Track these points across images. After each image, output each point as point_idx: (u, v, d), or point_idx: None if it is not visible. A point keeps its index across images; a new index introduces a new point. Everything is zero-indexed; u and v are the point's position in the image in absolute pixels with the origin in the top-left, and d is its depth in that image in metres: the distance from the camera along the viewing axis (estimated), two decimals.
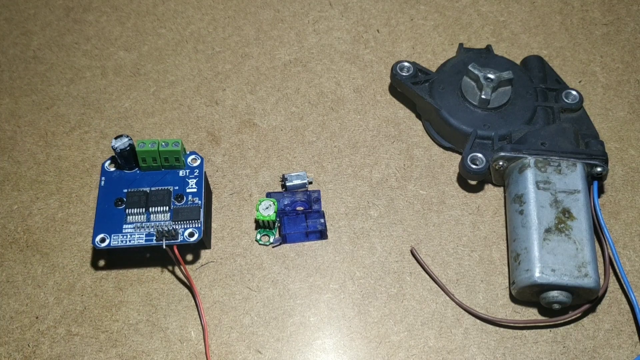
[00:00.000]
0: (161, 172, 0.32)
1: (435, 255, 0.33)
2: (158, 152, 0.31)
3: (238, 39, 0.41)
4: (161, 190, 0.31)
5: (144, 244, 0.30)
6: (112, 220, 0.30)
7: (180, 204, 0.31)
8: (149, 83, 0.39)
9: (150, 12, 0.42)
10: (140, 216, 0.30)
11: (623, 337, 0.31)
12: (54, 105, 0.38)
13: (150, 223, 0.30)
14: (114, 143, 0.30)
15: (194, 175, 0.32)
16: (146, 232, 0.30)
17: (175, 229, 0.30)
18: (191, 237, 0.30)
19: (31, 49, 0.40)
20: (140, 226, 0.30)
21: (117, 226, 0.30)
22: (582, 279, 0.30)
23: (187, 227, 0.30)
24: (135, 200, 0.30)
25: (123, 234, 0.30)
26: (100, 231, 0.30)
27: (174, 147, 0.31)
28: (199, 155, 0.32)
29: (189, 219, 0.30)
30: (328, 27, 0.41)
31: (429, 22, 0.42)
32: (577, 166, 0.33)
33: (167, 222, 0.30)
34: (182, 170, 0.32)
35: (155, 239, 0.30)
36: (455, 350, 0.30)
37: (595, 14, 0.42)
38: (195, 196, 0.31)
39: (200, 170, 0.32)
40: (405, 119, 0.38)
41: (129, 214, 0.30)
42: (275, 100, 0.38)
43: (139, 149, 0.30)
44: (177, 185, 0.31)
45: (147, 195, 0.31)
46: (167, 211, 0.30)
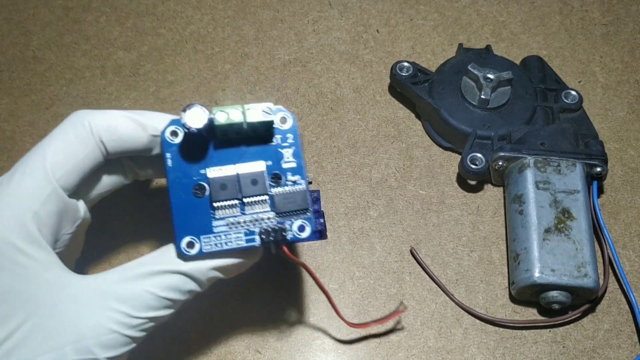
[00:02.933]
0: (243, 140, 0.24)
1: (435, 255, 0.33)
2: (244, 123, 0.23)
3: (237, 39, 0.41)
4: (252, 171, 0.23)
5: (245, 246, 0.23)
6: (196, 217, 0.23)
7: (279, 188, 0.24)
8: (149, 83, 0.39)
9: (149, 12, 0.42)
10: (232, 209, 0.23)
11: (622, 337, 0.31)
12: (54, 105, 0.38)
13: (247, 216, 0.23)
14: (186, 118, 0.22)
15: (287, 142, 0.24)
16: (244, 230, 0.23)
17: (282, 224, 0.23)
18: (302, 231, 0.23)
19: (30, 49, 0.40)
20: (235, 222, 0.23)
21: (205, 224, 0.23)
22: (581, 279, 0.30)
23: (294, 219, 0.23)
24: (224, 187, 0.23)
25: (215, 235, 0.23)
26: (185, 232, 0.23)
27: (265, 116, 0.23)
28: (290, 113, 0.24)
29: (295, 209, 0.23)
30: (327, 27, 0.41)
31: (428, 22, 0.42)
32: (577, 166, 0.33)
33: (268, 214, 0.23)
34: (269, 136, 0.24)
35: (260, 240, 0.23)
36: (454, 350, 0.30)
37: (595, 14, 0.42)
38: (295, 173, 0.24)
39: (295, 134, 0.24)
40: (405, 119, 0.38)
41: (218, 207, 0.23)
42: (274, 100, 0.38)
43: (220, 122, 0.22)
44: (269, 158, 0.24)
45: (237, 179, 0.23)
46: (265, 201, 0.23)
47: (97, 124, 0.24)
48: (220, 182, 0.23)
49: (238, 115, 0.23)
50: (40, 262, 0.22)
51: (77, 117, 0.24)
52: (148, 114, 0.25)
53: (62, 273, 0.22)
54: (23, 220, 0.22)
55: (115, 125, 0.24)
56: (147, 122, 0.25)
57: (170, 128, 0.24)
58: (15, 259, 0.22)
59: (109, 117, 0.24)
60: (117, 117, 0.24)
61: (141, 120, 0.25)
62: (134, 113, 0.25)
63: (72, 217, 0.24)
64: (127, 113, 0.25)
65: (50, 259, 0.22)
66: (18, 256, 0.22)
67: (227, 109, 0.23)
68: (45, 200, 0.22)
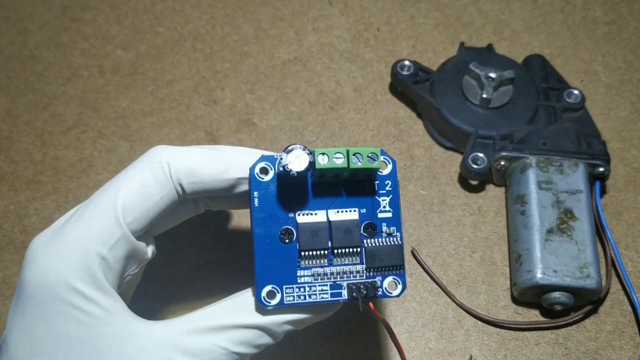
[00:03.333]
0: (339, 184, 0.22)
1: (436, 256, 0.33)
2: (348, 169, 0.21)
3: (237, 37, 0.40)
4: (346, 219, 0.22)
5: (330, 300, 0.22)
6: (280, 264, 0.21)
7: (373, 239, 0.22)
8: (147, 82, 0.38)
9: (148, 11, 0.41)
10: (320, 259, 0.22)
11: (625, 338, 0.31)
12: (51, 105, 0.38)
13: (334, 268, 0.22)
14: (287, 161, 0.21)
15: (384, 189, 0.22)
16: (331, 283, 0.22)
17: (374, 281, 0.22)
18: (393, 289, 0.22)
19: (28, 47, 0.40)
20: (322, 274, 0.22)
21: (289, 273, 0.21)
22: (584, 280, 0.29)
23: (385, 274, 0.22)
24: (314, 235, 0.21)
25: (299, 286, 0.21)
26: (267, 280, 0.21)
27: (371, 162, 0.21)
28: (390, 158, 0.23)
29: (389, 264, 0.22)
30: (328, 25, 0.41)
31: (429, 20, 0.41)
32: (579, 166, 0.32)
33: (357, 267, 0.22)
34: (367, 182, 0.22)
35: (348, 295, 0.22)
36: (456, 352, 0.30)
37: (597, 13, 0.42)
38: (391, 225, 0.22)
39: (394, 181, 0.22)
40: (406, 119, 0.37)
41: (305, 256, 0.21)
42: (274, 100, 0.38)
43: (321, 165, 0.21)
44: (364, 206, 0.22)
45: (328, 226, 0.22)
46: (357, 253, 0.22)
47: (177, 165, 0.22)
48: (310, 228, 0.21)
49: (341, 159, 0.21)
50: (107, 310, 0.21)
51: (155, 155, 0.23)
52: (232, 151, 0.24)
53: (129, 320, 0.21)
54: (90, 265, 0.21)
55: (196, 167, 0.22)
56: (231, 161, 0.23)
57: (260, 165, 0.22)
58: (81, 306, 0.21)
59: (189, 157, 0.23)
60: (198, 156, 0.23)
61: (225, 159, 0.23)
62: (217, 150, 0.23)
63: (139, 259, 0.23)
64: (209, 151, 0.23)
65: (117, 306, 0.21)
66: (84, 303, 0.21)
67: (330, 152, 0.21)
68: (114, 245, 0.21)
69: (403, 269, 0.22)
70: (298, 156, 0.21)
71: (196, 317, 0.22)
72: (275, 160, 0.22)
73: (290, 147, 0.21)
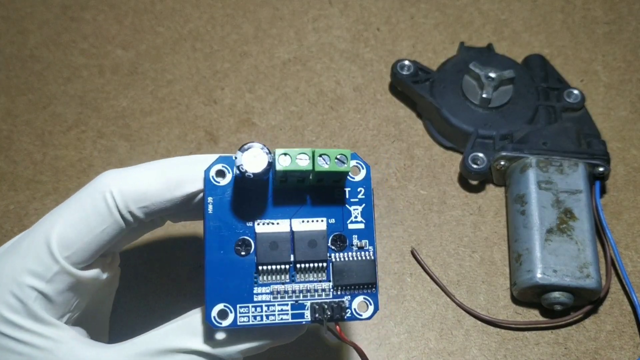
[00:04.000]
0: (304, 189, 0.20)
1: (436, 256, 0.33)
2: (313, 172, 0.19)
3: (237, 37, 0.40)
4: (311, 230, 0.19)
5: (290, 322, 0.19)
6: (235, 279, 0.19)
7: (342, 253, 0.20)
8: (147, 82, 0.38)
9: (148, 10, 0.41)
10: (281, 275, 0.19)
11: (625, 338, 0.31)
12: (51, 105, 0.38)
13: (297, 285, 0.19)
14: (243, 160, 0.18)
15: (356, 197, 0.20)
16: (292, 303, 0.19)
17: (341, 301, 0.19)
18: (363, 311, 0.20)
19: (28, 47, 0.40)
20: (283, 291, 0.19)
21: (244, 290, 0.19)
22: (583, 279, 0.29)
23: (355, 294, 0.19)
24: (274, 247, 0.19)
25: (256, 305, 0.19)
26: (218, 298, 0.19)
27: (339, 165, 0.19)
28: (363, 162, 0.20)
29: (359, 282, 0.19)
30: (328, 25, 0.41)
31: (429, 20, 0.41)
32: (579, 166, 0.32)
33: (323, 284, 0.19)
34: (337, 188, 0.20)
35: (311, 317, 0.19)
36: (456, 352, 0.30)
37: (597, 13, 0.42)
38: (363, 237, 0.20)
39: (367, 188, 0.20)
40: (406, 118, 0.37)
41: (263, 271, 0.19)
42: (274, 99, 0.38)
43: (282, 167, 0.19)
44: (333, 215, 0.20)
45: (291, 237, 0.19)
46: (323, 269, 0.19)
47: (124, 192, 0.21)
48: (270, 239, 0.19)
49: (306, 161, 0.18)
50: (50, 340, 0.21)
51: (99, 184, 0.21)
52: (185, 163, 0.22)
53: (76, 348, 0.21)
54: (24, 298, 0.20)
55: (144, 190, 0.21)
56: (182, 176, 0.21)
57: (216, 167, 0.20)
58: (17, 337, 0.20)
59: (136, 181, 0.21)
60: (146, 178, 0.21)
61: (176, 175, 0.21)
62: (168, 164, 0.22)
63: (90, 286, 0.22)
64: (159, 168, 0.22)
65: (62, 335, 0.21)
66: (21, 335, 0.21)
67: (293, 152, 0.18)
68: (52, 279, 0.21)
69: (375, 288, 0.19)
70: (256, 156, 0.18)
71: (144, 340, 0.21)
72: (233, 163, 0.19)
73: (247, 145, 0.18)
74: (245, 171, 0.18)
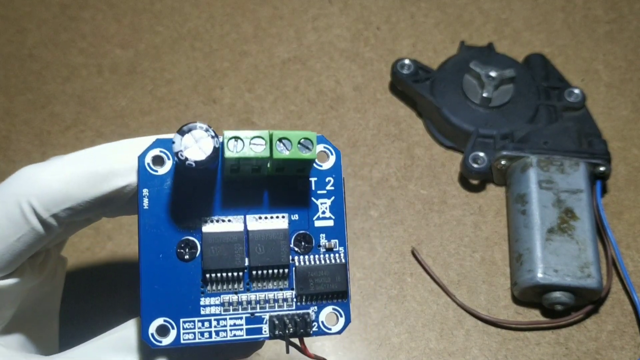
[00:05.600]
0: (261, 180, 0.17)
1: (437, 256, 0.33)
2: (271, 159, 0.16)
3: (236, 36, 0.40)
4: (269, 229, 0.16)
5: (245, 339, 0.16)
6: (177, 289, 0.16)
7: (306, 256, 0.17)
8: (146, 81, 0.38)
9: (147, 10, 0.41)
10: (233, 283, 0.16)
11: (626, 338, 0.31)
12: (50, 104, 0.37)
13: (253, 295, 0.16)
14: (182, 146, 0.15)
15: (324, 189, 0.17)
16: (247, 316, 0.16)
17: (306, 314, 0.16)
18: (332, 324, 0.17)
19: (26, 46, 0.40)
20: (235, 302, 0.16)
21: (189, 302, 0.16)
22: (584, 279, 0.29)
23: (323, 304, 0.17)
24: (224, 250, 0.16)
25: (203, 319, 0.16)
26: (156, 312, 0.16)
27: (303, 151, 0.16)
28: (333, 147, 0.17)
29: (327, 290, 0.16)
30: (327, 24, 0.41)
31: (430, 19, 0.41)
32: (580, 165, 0.32)
33: (285, 293, 0.16)
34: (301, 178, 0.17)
35: (270, 332, 0.16)
36: (456, 352, 0.30)
37: (598, 12, 0.42)
38: (332, 236, 0.17)
39: (338, 177, 0.17)
40: (406, 118, 0.37)
41: (211, 279, 0.16)
42: (273, 99, 0.38)
43: (232, 154, 0.15)
44: (296, 211, 0.17)
45: (245, 238, 0.16)
46: (284, 275, 0.17)
47: (41, 195, 0.18)
48: (220, 240, 0.16)
49: (261, 146, 0.15)
50: None
51: (11, 188, 0.18)
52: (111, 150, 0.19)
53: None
54: None
55: (66, 190, 0.18)
56: (109, 167, 0.18)
57: (152, 153, 0.16)
58: None
59: (55, 181, 0.18)
60: (67, 175, 0.18)
61: (101, 167, 0.18)
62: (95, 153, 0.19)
63: (14, 293, 0.19)
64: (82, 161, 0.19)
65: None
66: None
67: (244, 135, 0.15)
68: None
69: (347, 297, 0.16)
70: (198, 139, 0.15)
71: (75, 355, 0.18)
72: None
73: (187, 127, 0.15)
74: (185, 159, 0.15)
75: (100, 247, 0.32)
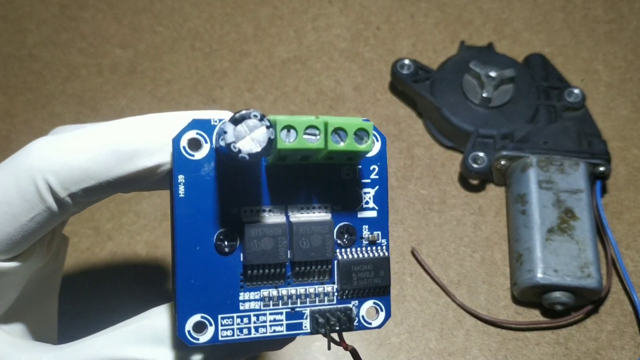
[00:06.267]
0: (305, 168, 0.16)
1: (437, 256, 0.33)
2: (325, 151, 0.15)
3: (236, 36, 0.40)
4: (313, 220, 0.15)
5: (285, 334, 0.16)
6: (215, 284, 0.15)
7: (350, 249, 0.16)
8: (146, 81, 0.38)
9: (146, 10, 0.41)
10: (274, 279, 0.15)
11: (626, 338, 0.31)
12: (50, 104, 0.37)
13: (294, 289, 0.16)
14: (234, 137, 0.14)
15: (369, 177, 0.16)
16: (288, 311, 0.16)
17: (348, 307, 0.16)
18: (373, 318, 0.16)
19: (26, 46, 0.40)
20: (276, 297, 0.15)
21: (228, 297, 0.15)
22: (584, 279, 0.29)
23: (363, 298, 0.16)
24: (267, 243, 0.15)
25: (242, 315, 0.15)
26: (194, 308, 0.15)
27: (358, 143, 0.15)
28: (379, 132, 0.17)
29: (370, 285, 0.16)
30: (327, 24, 0.41)
31: (429, 19, 0.41)
32: (580, 165, 0.32)
33: (326, 286, 0.16)
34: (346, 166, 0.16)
35: (312, 328, 0.16)
36: (456, 352, 0.30)
37: (598, 12, 0.42)
38: (375, 228, 0.16)
39: (383, 165, 0.17)
40: (406, 118, 0.37)
41: (252, 276, 0.15)
42: (273, 99, 0.38)
43: (286, 146, 0.14)
44: (339, 202, 0.16)
45: (288, 230, 0.15)
46: (327, 270, 0.16)
47: (59, 172, 0.16)
48: (262, 233, 0.15)
49: (315, 137, 0.14)
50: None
51: (25, 162, 0.17)
52: (137, 126, 0.17)
53: (7, 351, 0.17)
54: None
55: (86, 167, 0.16)
56: (135, 144, 0.16)
57: (189, 135, 0.15)
58: None
59: (75, 155, 0.16)
60: (88, 150, 0.16)
61: (127, 143, 0.16)
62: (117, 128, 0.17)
63: (19, 276, 0.18)
64: (106, 134, 0.17)
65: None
66: None
67: (299, 125, 0.14)
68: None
69: (388, 292, 0.16)
70: (253, 129, 0.13)
71: (91, 344, 0.16)
72: (212, 129, 0.15)
73: (240, 114, 0.14)
74: (239, 151, 0.14)
75: (100, 247, 0.32)
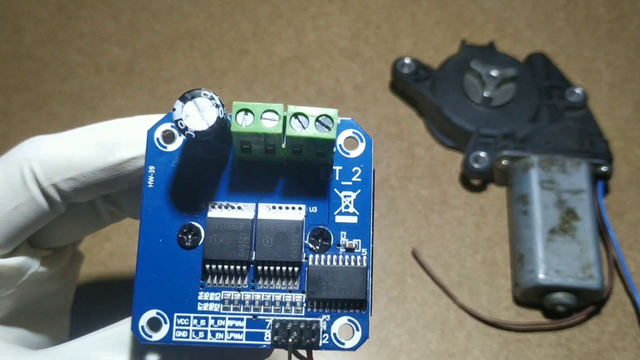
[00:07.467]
0: (278, 166, 0.15)
1: (438, 257, 0.32)
2: (283, 136, 0.14)
3: (235, 35, 0.40)
4: (281, 219, 0.15)
5: (244, 343, 0.14)
6: (174, 279, 0.15)
7: (323, 255, 0.15)
8: (144, 81, 0.38)
9: (145, 8, 0.41)
10: (236, 278, 0.15)
11: (628, 339, 0.30)
12: (47, 104, 0.37)
13: (257, 294, 0.15)
14: (182, 114, 0.14)
15: (350, 180, 0.15)
16: (249, 317, 0.15)
17: (315, 322, 0.14)
18: (347, 337, 0.15)
19: (24, 46, 0.39)
20: (237, 300, 0.15)
21: (186, 295, 0.15)
22: (586, 280, 0.29)
23: (337, 313, 0.14)
24: (228, 239, 0.14)
25: (199, 316, 0.14)
26: (149, 303, 0.15)
27: (322, 130, 0.14)
28: (363, 132, 0.16)
29: (343, 297, 0.14)
30: (327, 23, 0.41)
31: (430, 18, 0.41)
32: (582, 165, 0.32)
33: (294, 295, 0.15)
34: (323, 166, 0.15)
35: (272, 340, 0.14)
36: (457, 354, 0.30)
37: (600, 11, 0.42)
38: (354, 235, 0.15)
39: (367, 167, 0.16)
40: (407, 117, 0.37)
41: (211, 271, 0.15)
42: (273, 98, 0.38)
43: (239, 129, 0.14)
44: (315, 203, 0.15)
45: (253, 227, 0.15)
46: (294, 275, 0.15)
47: (47, 161, 0.17)
48: (224, 227, 0.14)
49: (273, 122, 0.14)
50: None
51: (18, 152, 0.18)
52: (122, 123, 0.18)
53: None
54: None
55: (69, 157, 0.17)
56: (117, 136, 0.17)
57: (163, 127, 0.15)
58: None
59: (61, 147, 0.18)
60: (73, 142, 0.18)
61: (109, 136, 0.17)
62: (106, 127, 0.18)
63: (13, 278, 0.18)
64: (94, 131, 0.18)
65: None
66: None
67: (257, 109, 0.14)
68: None
69: (366, 308, 0.14)
70: (202, 109, 0.14)
71: (63, 350, 0.17)
72: None
73: (190, 93, 0.14)
74: (185, 128, 0.14)
75: (99, 248, 0.32)
